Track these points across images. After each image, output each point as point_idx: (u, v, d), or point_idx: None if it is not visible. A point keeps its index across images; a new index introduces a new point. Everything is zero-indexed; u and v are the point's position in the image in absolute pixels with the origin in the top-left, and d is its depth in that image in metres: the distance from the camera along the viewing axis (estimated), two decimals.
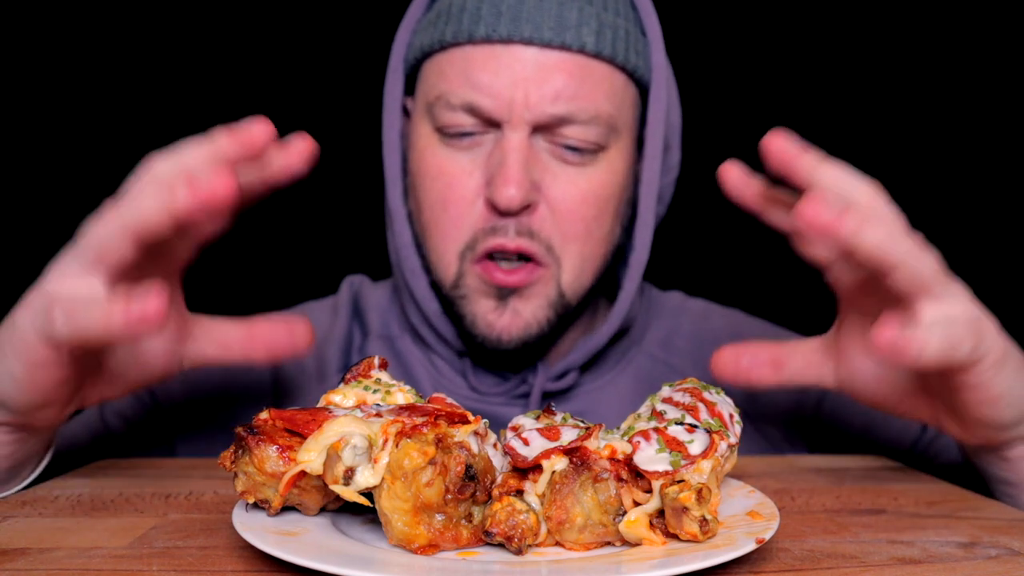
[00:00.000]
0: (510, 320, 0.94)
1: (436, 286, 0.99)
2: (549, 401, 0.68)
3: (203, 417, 1.05)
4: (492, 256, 0.93)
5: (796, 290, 1.96)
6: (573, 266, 0.94)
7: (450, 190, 0.93)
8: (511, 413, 0.99)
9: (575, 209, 0.92)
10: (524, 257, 0.93)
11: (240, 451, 0.58)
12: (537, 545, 0.56)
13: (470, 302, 0.95)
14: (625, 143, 0.96)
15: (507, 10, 0.90)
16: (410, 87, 1.02)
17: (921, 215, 0.74)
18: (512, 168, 0.88)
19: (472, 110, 0.90)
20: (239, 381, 1.06)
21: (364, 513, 0.61)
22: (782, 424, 1.05)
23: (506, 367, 1.01)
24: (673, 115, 1.03)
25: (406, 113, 1.04)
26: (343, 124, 1.06)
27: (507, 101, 0.89)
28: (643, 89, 0.98)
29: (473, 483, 0.54)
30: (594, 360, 1.04)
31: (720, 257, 2.07)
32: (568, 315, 0.97)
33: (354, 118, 1.01)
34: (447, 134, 0.93)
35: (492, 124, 0.91)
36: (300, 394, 1.04)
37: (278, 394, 1.05)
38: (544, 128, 0.90)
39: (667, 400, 0.64)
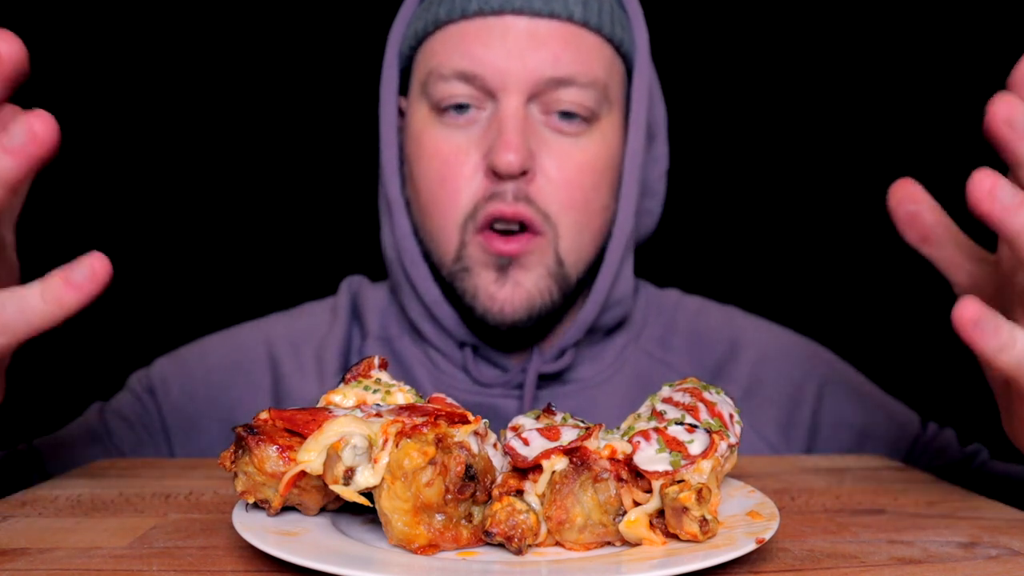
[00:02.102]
0: (511, 291, 0.94)
1: (436, 272, 0.99)
2: (549, 401, 0.68)
3: (202, 418, 1.05)
4: (492, 226, 0.94)
5: (794, 287, 1.96)
6: (570, 233, 0.95)
7: (447, 167, 0.94)
8: (508, 405, 1.00)
9: (572, 179, 0.94)
10: (523, 227, 0.93)
11: (240, 451, 0.58)
12: (537, 545, 0.56)
13: (472, 275, 0.95)
14: (616, 116, 0.98)
15: None
16: (404, 87, 1.03)
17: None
18: (511, 134, 0.90)
19: (465, 77, 0.92)
20: (237, 382, 1.06)
21: (364, 513, 0.61)
22: (780, 425, 1.05)
23: (508, 347, 1.01)
24: (657, 108, 1.05)
25: (400, 114, 1.04)
26: (343, 123, 1.06)
27: (501, 70, 0.91)
28: (628, 68, 1.00)
29: (473, 483, 0.54)
30: (591, 353, 1.04)
31: (718, 255, 2.07)
32: (571, 293, 0.98)
33: (353, 116, 1.02)
34: (443, 109, 0.94)
35: (488, 94, 0.92)
36: (299, 395, 1.04)
37: (277, 395, 1.05)
38: (540, 95, 0.92)
39: (667, 400, 0.64)
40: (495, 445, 0.58)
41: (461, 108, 0.94)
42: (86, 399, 1.11)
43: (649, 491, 0.55)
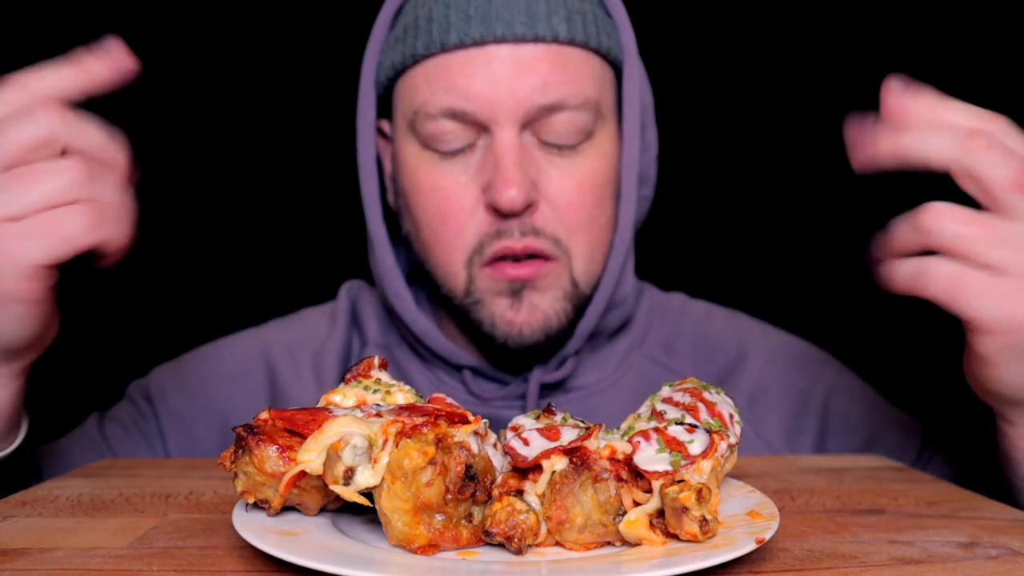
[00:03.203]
0: (528, 314, 0.93)
1: (439, 299, 0.99)
2: (549, 401, 0.68)
3: (198, 425, 1.04)
4: (500, 258, 0.92)
5: (801, 292, 1.96)
6: (583, 255, 0.94)
7: (447, 203, 0.92)
8: (511, 416, 0.99)
9: (575, 200, 0.92)
10: (532, 255, 0.92)
11: (240, 451, 0.58)
12: (537, 545, 0.56)
13: (485, 306, 0.94)
14: (610, 127, 0.97)
15: (475, 12, 0.89)
16: (385, 109, 1.01)
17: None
18: (509, 169, 0.88)
19: (454, 115, 0.90)
20: (233, 390, 1.05)
21: (364, 513, 0.61)
22: (786, 432, 1.04)
23: (513, 369, 1.01)
24: (645, 94, 1.03)
25: (382, 135, 1.03)
26: (343, 127, 1.06)
27: (490, 101, 0.88)
28: (617, 71, 0.99)
29: (473, 483, 0.54)
30: (594, 358, 1.04)
31: (724, 258, 2.07)
32: (581, 308, 0.97)
33: (353, 121, 1.01)
34: (436, 150, 0.92)
35: (479, 128, 0.90)
36: (296, 402, 1.03)
37: (273, 402, 1.05)
38: (533, 123, 0.90)
39: (667, 400, 0.64)
40: (495, 445, 0.58)
41: (456, 150, 0.92)
42: (85, 408, 1.11)
43: (649, 491, 0.55)
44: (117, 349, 1.82)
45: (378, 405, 0.60)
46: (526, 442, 0.57)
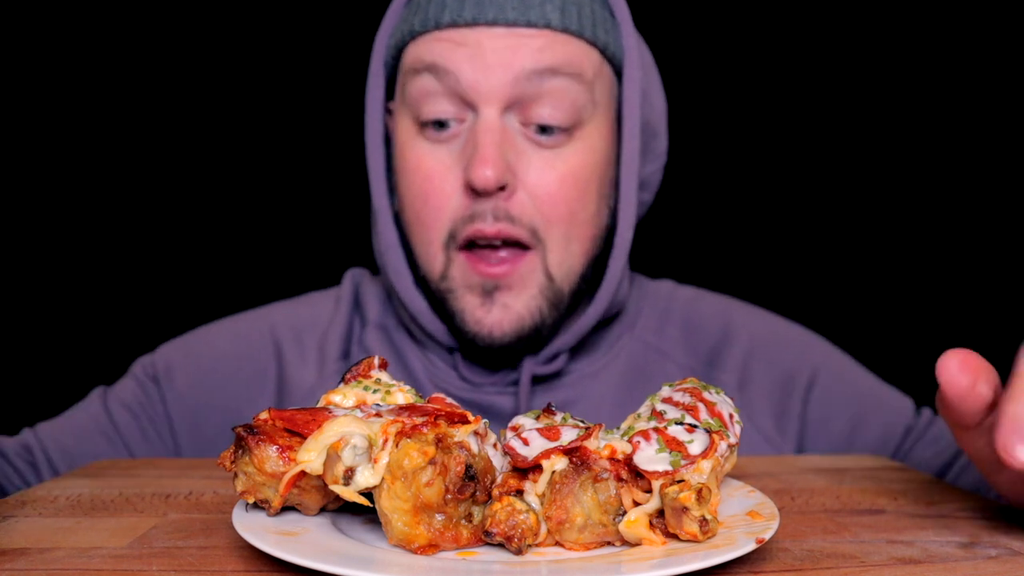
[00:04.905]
0: (500, 315, 0.94)
1: (424, 283, 0.99)
2: (550, 401, 0.68)
3: (208, 409, 1.05)
4: (475, 246, 0.93)
5: (792, 275, 1.97)
6: (559, 248, 0.94)
7: (429, 184, 0.93)
8: (503, 402, 1.00)
9: (555, 192, 0.92)
10: (508, 244, 0.92)
11: (240, 451, 0.58)
12: (537, 545, 0.56)
13: (457, 298, 0.95)
14: (601, 121, 0.96)
15: None
16: (392, 91, 1.02)
17: (912, 214, 0.75)
18: (487, 148, 0.89)
19: (434, 70, 0.91)
20: (243, 371, 1.06)
21: (364, 513, 0.61)
22: (774, 415, 1.04)
23: (497, 362, 1.01)
24: (657, 101, 1.02)
25: (390, 113, 1.04)
26: (352, 115, 1.07)
27: (478, 77, 0.90)
28: (619, 72, 0.98)
29: (473, 483, 0.55)
30: (584, 344, 1.04)
31: (714, 243, 2.07)
32: (561, 305, 0.96)
33: (362, 108, 1.02)
34: (424, 124, 0.93)
35: (466, 105, 0.91)
36: (300, 383, 1.05)
37: (280, 383, 1.05)
38: (520, 103, 0.90)
39: (667, 400, 0.64)
40: (495, 445, 0.58)
41: (442, 125, 0.93)
42: (88, 381, 1.12)
43: (649, 491, 0.55)
44: (122, 322, 1.85)
45: (378, 405, 0.60)
46: (526, 442, 0.57)
